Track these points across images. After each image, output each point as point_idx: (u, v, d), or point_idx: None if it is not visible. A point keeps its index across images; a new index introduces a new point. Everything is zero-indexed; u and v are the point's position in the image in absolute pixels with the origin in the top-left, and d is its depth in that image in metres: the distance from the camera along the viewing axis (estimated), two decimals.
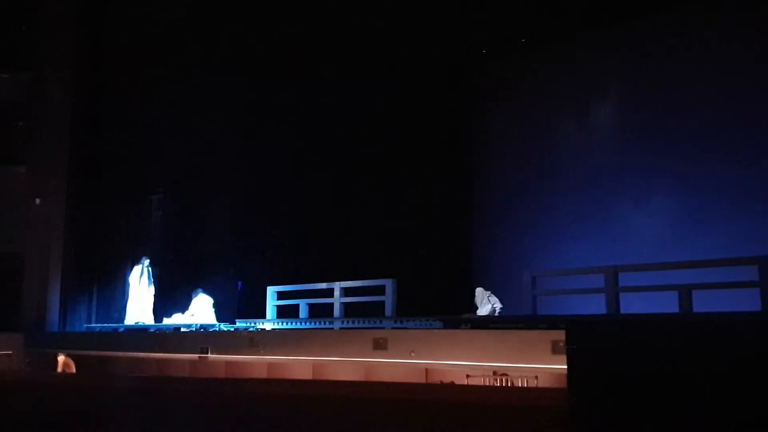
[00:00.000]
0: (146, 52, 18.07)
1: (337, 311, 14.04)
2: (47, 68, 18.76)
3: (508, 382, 9.63)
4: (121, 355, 15.18)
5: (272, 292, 15.25)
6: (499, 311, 12.82)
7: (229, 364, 13.23)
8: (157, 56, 17.95)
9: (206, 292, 15.85)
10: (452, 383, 9.78)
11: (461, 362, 10.25)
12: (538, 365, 9.32)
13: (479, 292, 13.19)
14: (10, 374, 12.92)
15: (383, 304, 13.41)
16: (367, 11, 16.30)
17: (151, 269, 17.07)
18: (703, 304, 10.42)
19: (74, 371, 14.29)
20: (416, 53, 17.10)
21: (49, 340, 16.89)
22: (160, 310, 16.94)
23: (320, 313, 14.55)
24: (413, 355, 10.78)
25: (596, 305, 11.71)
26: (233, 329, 14.89)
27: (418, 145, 17.80)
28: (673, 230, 14.85)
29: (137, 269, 16.98)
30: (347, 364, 11.56)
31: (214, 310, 15.77)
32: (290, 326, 14.33)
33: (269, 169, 17.44)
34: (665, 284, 11.34)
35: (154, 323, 16.46)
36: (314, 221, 17.24)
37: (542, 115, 17.56)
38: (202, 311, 15.56)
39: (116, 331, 16.69)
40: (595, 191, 16.31)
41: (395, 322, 12.84)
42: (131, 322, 16.63)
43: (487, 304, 12.90)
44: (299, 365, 12.19)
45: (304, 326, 14.13)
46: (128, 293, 17.07)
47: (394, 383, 9.30)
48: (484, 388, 8.84)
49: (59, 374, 13.61)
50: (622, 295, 11.27)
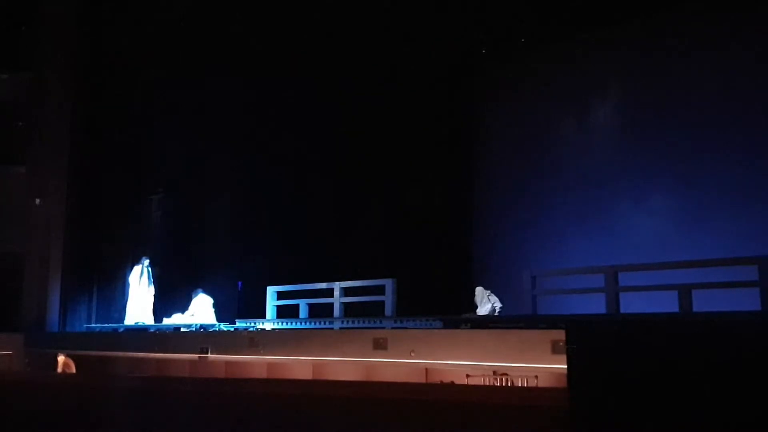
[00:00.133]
0: (146, 52, 18.06)
1: (337, 311, 14.04)
2: (47, 68, 18.74)
3: (508, 381, 9.63)
4: (121, 355, 15.18)
5: (272, 292, 15.25)
6: (499, 310, 12.82)
7: (229, 364, 13.23)
8: (157, 56, 17.94)
9: (206, 292, 15.84)
10: (452, 383, 9.79)
11: (461, 362, 10.25)
12: (538, 365, 9.32)
13: (479, 291, 13.20)
14: (10, 374, 12.91)
15: (383, 304, 13.41)
16: (366, 11, 16.30)
17: (151, 269, 17.06)
18: (703, 303, 10.43)
19: (74, 371, 14.29)
20: (416, 53, 17.10)
21: (49, 340, 16.88)
22: (160, 310, 16.94)
23: (320, 313, 14.55)
24: (413, 355, 10.78)
25: (596, 305, 11.71)
26: (233, 329, 14.89)
27: (418, 145, 17.80)
28: (673, 230, 14.86)
29: (137, 269, 16.97)
30: (347, 364, 11.55)
31: (214, 310, 15.76)
32: (290, 326, 14.33)
33: (269, 169, 17.45)
34: (665, 284, 11.33)
35: (154, 323, 16.45)
36: (314, 221, 17.23)
37: (542, 115, 17.56)
38: (202, 311, 15.56)
39: (116, 331, 16.69)
40: (595, 191, 16.32)
41: (395, 321, 12.84)
42: (131, 322, 16.63)
43: (487, 303, 12.91)
44: (299, 365, 12.19)
45: (304, 326, 14.12)
46: (128, 293, 17.07)
47: (394, 383, 9.30)
48: (484, 387, 8.85)
49: (59, 374, 13.61)
50: (622, 294, 11.28)
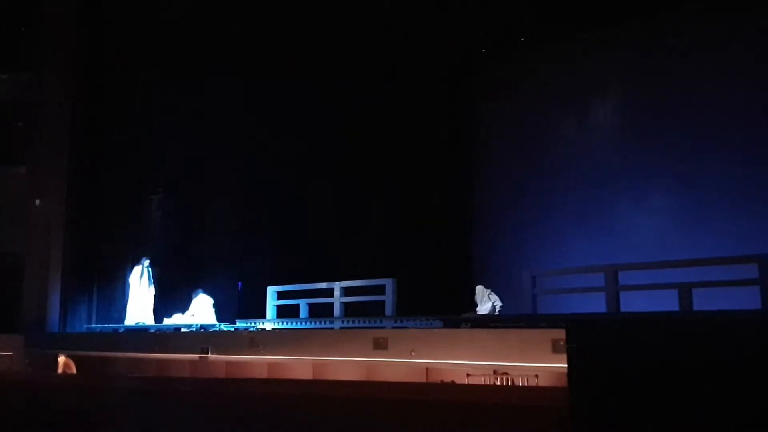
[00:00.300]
0: (146, 52, 18.06)
1: (337, 311, 14.04)
2: (47, 68, 18.75)
3: (508, 381, 9.64)
4: (121, 355, 15.18)
5: (272, 292, 15.25)
6: (499, 309, 12.84)
7: (229, 364, 13.24)
8: (157, 56, 17.94)
9: (206, 292, 15.84)
10: (453, 382, 9.78)
11: (462, 361, 10.25)
12: (538, 364, 9.32)
13: (479, 289, 13.21)
14: (10, 375, 12.91)
15: (383, 303, 13.41)
16: (366, 11, 16.30)
17: (151, 269, 17.07)
18: (703, 302, 10.42)
19: (75, 372, 14.29)
20: (416, 53, 17.10)
21: (49, 340, 16.88)
22: (160, 310, 16.94)
23: (320, 312, 14.55)
24: (413, 354, 10.78)
25: (596, 304, 11.70)
26: (233, 329, 14.89)
27: (418, 145, 17.80)
28: (672, 229, 14.85)
29: (137, 269, 16.97)
30: (348, 363, 11.56)
31: (214, 310, 15.76)
32: (290, 326, 14.33)
33: (269, 169, 17.45)
34: (665, 283, 11.32)
35: (154, 323, 16.45)
36: (314, 221, 17.23)
37: (542, 115, 17.55)
38: (202, 311, 15.56)
39: (116, 331, 16.69)
40: (595, 191, 16.31)
41: (395, 321, 12.84)
42: (131, 322, 16.63)
43: (487, 301, 12.92)
44: (300, 365, 12.19)
45: (304, 326, 14.13)
46: (128, 294, 17.07)
47: (394, 383, 9.30)
48: (484, 387, 8.85)
49: (60, 375, 13.61)
50: (622, 293, 11.28)
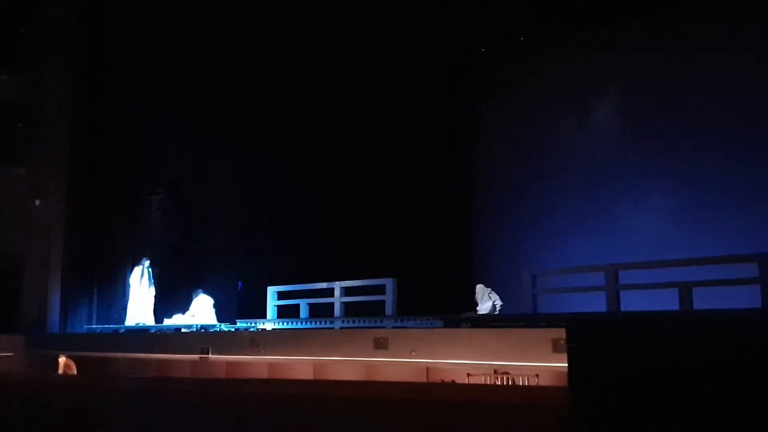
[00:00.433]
0: (146, 52, 18.05)
1: (337, 311, 14.04)
2: (47, 69, 18.74)
3: (509, 380, 9.64)
4: (121, 356, 15.18)
5: (272, 292, 15.25)
6: (500, 308, 12.85)
7: (230, 364, 13.24)
8: (157, 56, 17.94)
9: (207, 292, 15.83)
10: (453, 382, 9.80)
11: (462, 361, 10.25)
12: (539, 363, 9.32)
13: (479, 288, 13.22)
14: (11, 375, 12.91)
15: (384, 303, 13.41)
16: (366, 11, 16.30)
17: (151, 270, 17.06)
18: (703, 301, 10.43)
19: (75, 372, 14.29)
20: (416, 53, 17.10)
21: (49, 341, 16.88)
22: (160, 310, 16.94)
23: (321, 312, 14.56)
24: (414, 354, 10.78)
25: (597, 303, 11.71)
26: (234, 329, 14.89)
27: (418, 145, 17.80)
28: (672, 228, 14.86)
29: (137, 270, 16.97)
30: (348, 363, 11.56)
31: (214, 310, 15.75)
32: (291, 326, 14.33)
33: (269, 169, 17.45)
34: (665, 282, 11.32)
35: (154, 324, 16.45)
36: (314, 221, 17.23)
37: (542, 115, 17.56)
38: (202, 312, 15.55)
39: (117, 332, 16.68)
40: (595, 190, 16.32)
41: (396, 321, 12.85)
42: (132, 323, 16.62)
43: (487, 300, 12.93)
44: (300, 365, 12.19)
45: (304, 326, 14.13)
46: (129, 294, 17.06)
47: (394, 383, 9.32)
48: (485, 386, 8.85)
49: (60, 375, 13.62)
50: (622, 292, 11.28)
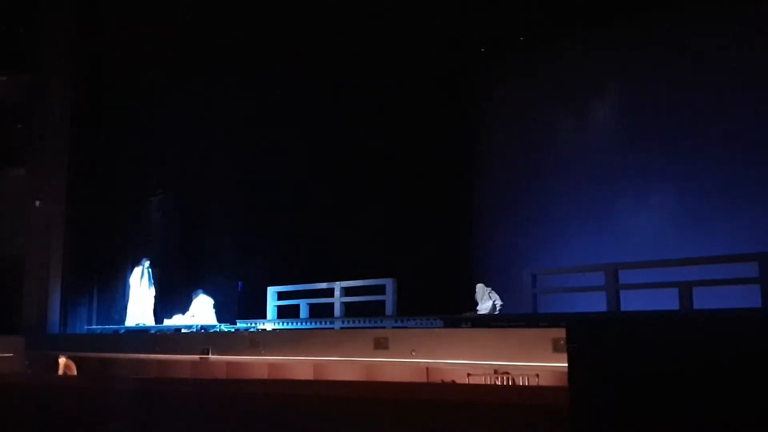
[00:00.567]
0: (146, 52, 18.04)
1: (337, 311, 14.04)
2: (47, 69, 18.73)
3: (509, 380, 9.65)
4: (122, 356, 15.19)
5: (272, 292, 15.25)
6: (500, 307, 12.86)
7: (230, 364, 13.25)
8: (157, 56, 17.93)
9: (207, 292, 15.84)
10: (453, 382, 9.81)
11: (462, 361, 10.25)
12: (539, 363, 9.31)
13: (480, 288, 13.22)
14: (11, 377, 12.92)
15: (384, 303, 13.42)
16: (365, 11, 16.30)
17: (151, 270, 17.06)
18: (703, 301, 10.42)
19: (75, 373, 14.30)
20: (416, 53, 17.08)
21: (49, 342, 16.88)
22: (160, 311, 16.94)
23: (321, 312, 14.56)
24: (414, 354, 10.77)
25: (597, 303, 11.70)
26: (234, 330, 14.89)
27: (417, 145, 17.78)
28: (673, 227, 14.84)
29: (137, 270, 16.97)
30: (348, 363, 11.56)
31: (214, 310, 15.75)
32: (291, 326, 14.34)
33: (269, 169, 17.44)
34: (665, 281, 11.32)
35: (154, 324, 16.45)
36: (314, 221, 17.23)
37: (542, 115, 17.55)
38: (202, 312, 15.56)
39: (117, 332, 16.68)
40: (594, 189, 16.31)
41: (396, 321, 12.85)
42: (132, 323, 16.62)
43: (487, 300, 12.94)
44: (300, 365, 12.20)
45: (304, 326, 14.13)
46: (129, 295, 17.06)
47: (395, 383, 9.32)
48: (485, 386, 8.87)
49: (60, 376, 13.63)
50: (622, 292, 11.27)
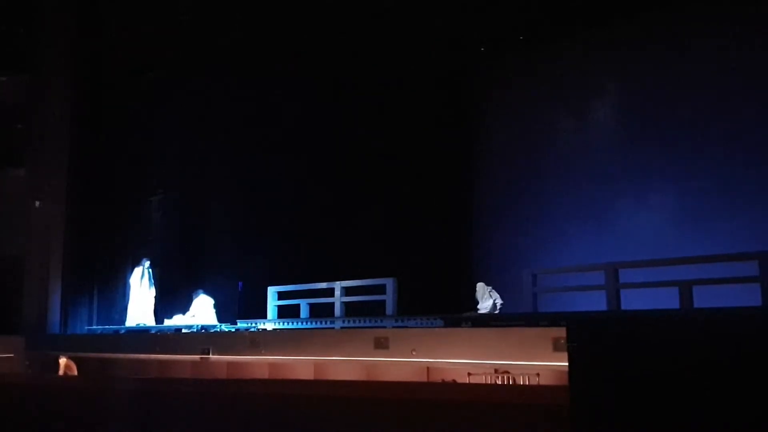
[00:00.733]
0: (146, 52, 18.05)
1: (338, 311, 14.04)
2: (47, 70, 18.74)
3: (509, 379, 9.65)
4: (122, 356, 15.19)
5: (273, 292, 15.25)
6: (500, 306, 12.86)
7: (230, 364, 13.25)
8: (157, 56, 17.93)
9: (207, 292, 15.84)
10: (454, 382, 9.81)
11: (462, 360, 10.25)
12: (539, 362, 9.32)
13: (480, 287, 13.23)
14: (11, 377, 12.93)
15: (384, 303, 13.41)
16: (365, 11, 16.30)
17: (151, 270, 17.07)
18: (703, 299, 10.42)
19: (76, 373, 14.30)
20: (416, 53, 17.08)
21: (50, 342, 16.89)
22: (161, 311, 16.94)
23: (321, 312, 14.55)
24: (414, 353, 10.78)
25: (597, 302, 11.70)
26: (234, 330, 14.89)
27: (417, 144, 17.77)
28: (673, 226, 14.84)
29: (138, 271, 16.97)
30: (348, 363, 11.56)
31: (215, 310, 15.76)
32: (291, 326, 14.34)
33: (269, 169, 17.43)
34: (665, 280, 11.32)
35: (155, 325, 16.45)
36: (314, 221, 17.22)
37: (542, 115, 17.54)
38: (203, 312, 15.56)
39: (117, 332, 16.69)
40: (594, 189, 16.30)
41: (396, 321, 12.85)
42: (132, 323, 16.63)
43: (488, 299, 12.95)
44: (301, 365, 12.20)
45: (305, 326, 14.13)
46: (129, 295, 17.07)
47: (395, 382, 9.32)
48: (485, 386, 8.87)
49: (61, 377, 13.63)
50: (622, 291, 11.27)
